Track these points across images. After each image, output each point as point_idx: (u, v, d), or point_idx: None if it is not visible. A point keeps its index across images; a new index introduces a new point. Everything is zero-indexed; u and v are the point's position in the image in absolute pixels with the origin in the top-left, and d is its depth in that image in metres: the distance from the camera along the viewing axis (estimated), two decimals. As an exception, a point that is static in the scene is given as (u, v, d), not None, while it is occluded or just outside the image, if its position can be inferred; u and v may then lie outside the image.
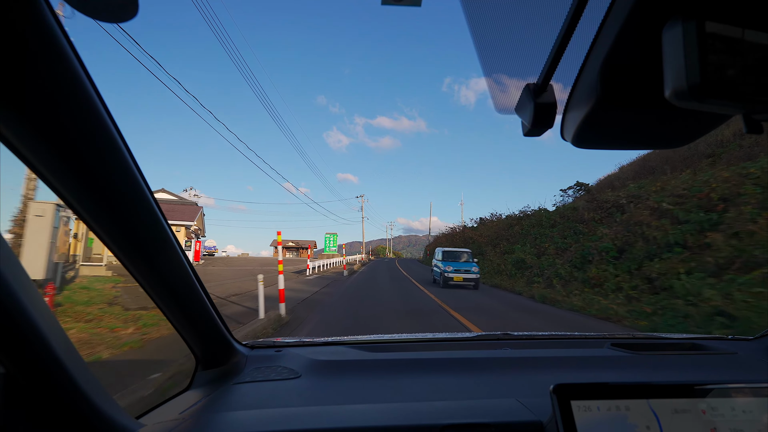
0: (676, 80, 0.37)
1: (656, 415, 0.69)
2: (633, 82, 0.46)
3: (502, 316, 8.36)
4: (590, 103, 0.47)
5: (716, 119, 0.50)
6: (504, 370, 1.17)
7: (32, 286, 0.56)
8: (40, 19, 0.47)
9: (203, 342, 1.08)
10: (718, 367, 1.19)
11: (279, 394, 1.04)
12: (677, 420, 0.69)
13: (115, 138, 0.61)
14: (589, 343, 1.46)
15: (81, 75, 0.54)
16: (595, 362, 1.22)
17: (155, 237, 0.77)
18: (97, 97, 0.57)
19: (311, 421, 0.83)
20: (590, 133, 0.52)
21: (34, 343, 0.54)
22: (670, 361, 1.22)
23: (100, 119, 0.58)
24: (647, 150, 0.60)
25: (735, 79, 0.36)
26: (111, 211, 0.67)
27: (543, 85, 0.51)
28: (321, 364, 1.20)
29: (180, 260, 0.85)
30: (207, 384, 1.10)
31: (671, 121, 0.51)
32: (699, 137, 0.54)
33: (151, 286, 0.85)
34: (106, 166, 0.62)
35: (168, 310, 0.93)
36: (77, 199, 0.63)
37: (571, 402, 0.69)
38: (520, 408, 0.85)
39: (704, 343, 1.35)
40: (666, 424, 0.68)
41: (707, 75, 0.35)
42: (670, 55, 0.37)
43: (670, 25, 0.38)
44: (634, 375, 1.15)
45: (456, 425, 0.79)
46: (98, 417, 0.65)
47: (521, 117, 0.54)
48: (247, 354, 1.27)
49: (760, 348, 1.27)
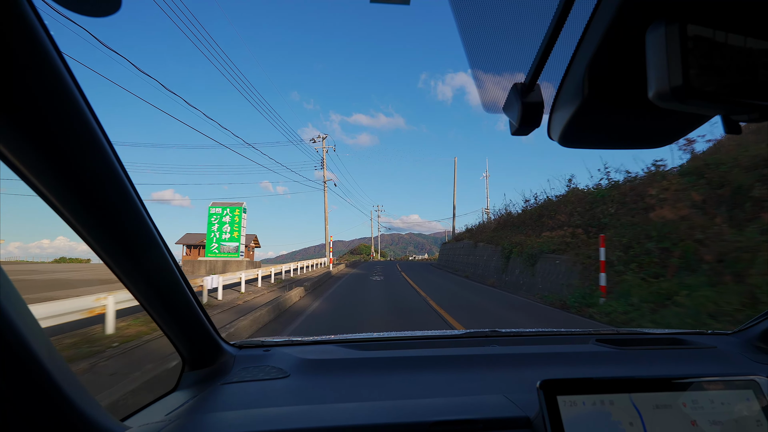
0: (659, 81, 0.37)
1: (638, 409, 0.71)
2: (618, 82, 0.47)
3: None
4: (576, 103, 0.48)
5: (697, 119, 0.51)
6: (492, 366, 1.19)
7: (9, 284, 0.54)
8: (21, 15, 0.46)
9: (190, 342, 1.07)
10: (699, 361, 1.22)
11: (267, 393, 1.03)
12: (659, 413, 0.71)
13: (95, 132, 0.60)
14: (575, 339, 1.48)
15: (62, 70, 0.53)
16: (581, 358, 1.24)
17: (140, 235, 0.76)
18: (78, 91, 0.56)
19: (300, 420, 0.83)
20: (576, 132, 0.53)
21: (13, 344, 0.53)
22: (652, 356, 1.25)
23: (81, 114, 0.57)
24: (631, 149, 0.61)
25: (715, 81, 0.37)
26: (93, 207, 0.66)
27: (530, 84, 0.51)
28: (309, 363, 1.20)
29: (166, 259, 0.84)
30: (194, 385, 1.09)
31: (654, 121, 0.52)
32: (681, 137, 0.56)
33: (136, 286, 0.84)
34: (88, 162, 0.61)
35: (153, 310, 0.92)
36: (58, 196, 0.62)
37: (558, 397, 0.71)
38: (508, 404, 0.86)
39: (685, 338, 1.39)
40: (648, 418, 0.70)
41: (689, 77, 0.36)
42: (653, 56, 0.38)
43: (654, 28, 0.38)
44: (618, 370, 1.17)
45: (444, 422, 0.80)
46: (81, 420, 0.64)
47: (509, 116, 0.55)
48: (235, 354, 1.26)
49: (738, 342, 1.31)
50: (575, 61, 0.48)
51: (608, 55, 0.45)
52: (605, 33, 0.43)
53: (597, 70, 0.46)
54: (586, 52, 0.46)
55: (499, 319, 7.42)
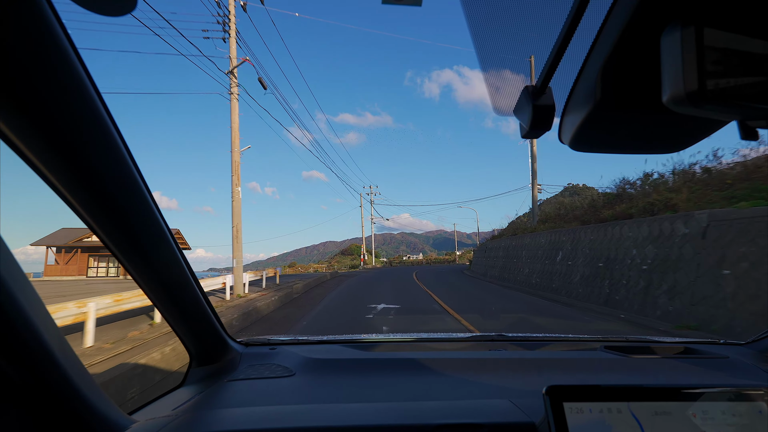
0: (673, 85, 0.37)
1: (637, 419, 0.69)
2: (631, 86, 0.46)
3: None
4: (589, 106, 0.48)
5: (712, 125, 0.50)
6: (498, 370, 1.18)
7: (27, 282, 0.56)
8: (38, 14, 0.47)
9: (198, 339, 1.08)
10: (710, 371, 1.20)
11: (272, 391, 1.04)
12: (665, 423, 0.69)
13: (109, 128, 0.61)
14: (583, 345, 1.46)
15: (79, 69, 0.54)
16: (589, 364, 1.23)
17: (151, 232, 0.77)
18: (93, 89, 0.57)
19: (304, 419, 0.83)
20: (588, 136, 0.52)
21: (29, 341, 0.54)
22: (662, 365, 1.23)
23: (96, 112, 0.58)
24: (643, 155, 0.61)
25: (731, 85, 0.36)
26: (107, 204, 0.67)
27: (542, 87, 0.51)
28: (315, 362, 1.20)
29: (176, 256, 0.85)
30: (200, 381, 1.10)
31: (668, 126, 0.51)
32: (695, 143, 0.55)
33: (146, 282, 0.85)
34: (102, 159, 0.62)
35: (162, 306, 0.93)
36: (72, 192, 0.63)
37: (564, 404, 0.70)
38: (513, 409, 0.85)
39: (697, 347, 1.36)
40: (654, 428, 0.69)
41: (704, 81, 0.35)
42: (668, 60, 0.38)
43: (669, 31, 0.38)
44: (626, 378, 1.16)
45: (449, 425, 0.79)
46: (91, 413, 0.65)
47: (519, 119, 0.54)
48: (242, 351, 1.27)
49: (751, 352, 1.29)
50: (588, 64, 0.48)
51: (622, 59, 0.44)
52: (619, 36, 0.43)
53: (610, 73, 0.45)
54: (599, 55, 0.46)
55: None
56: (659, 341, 1.50)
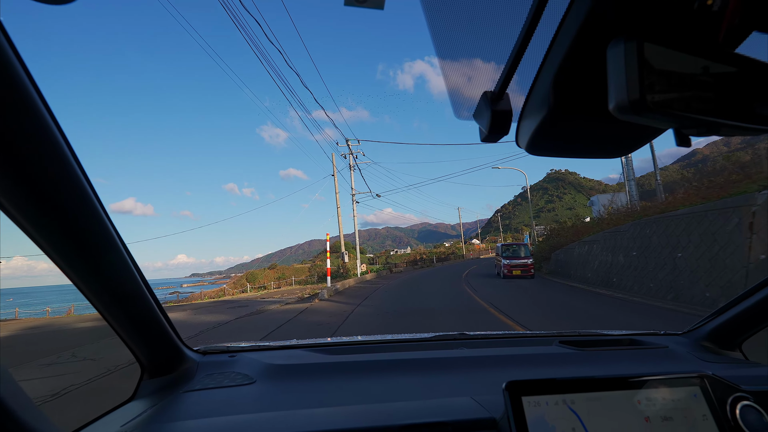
0: (618, 94, 0.40)
1: (589, 408, 0.74)
2: (581, 94, 0.49)
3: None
4: (543, 112, 0.50)
5: (652, 132, 0.54)
6: (460, 369, 1.20)
7: None
8: None
9: (150, 348, 1.02)
10: (652, 360, 1.29)
11: (232, 400, 1.00)
12: (614, 411, 0.74)
13: (48, 126, 0.57)
14: (540, 341, 1.53)
15: (16, 66, 0.50)
16: (545, 359, 1.29)
17: (97, 238, 0.72)
18: (25, 73, 0.53)
19: (266, 427, 0.81)
20: (542, 141, 0.55)
21: None
22: (611, 356, 1.31)
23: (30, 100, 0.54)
24: (593, 158, 0.65)
25: (668, 96, 0.39)
26: (44, 204, 0.62)
27: (500, 93, 0.53)
28: (276, 368, 1.17)
29: (125, 260, 0.80)
30: (153, 393, 1.04)
31: (615, 131, 0.55)
32: (638, 147, 0.59)
33: (91, 289, 0.79)
34: (39, 158, 0.57)
35: (109, 314, 0.87)
36: (5, 193, 0.57)
37: (522, 398, 0.73)
38: (475, 406, 0.87)
39: (641, 339, 1.46)
40: (605, 416, 0.73)
41: (645, 91, 0.38)
42: (613, 71, 0.40)
43: (614, 44, 0.41)
44: (580, 370, 1.22)
45: (413, 425, 0.80)
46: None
47: (479, 123, 0.56)
48: (199, 360, 1.21)
49: (687, 342, 1.40)
50: (542, 72, 0.50)
51: (572, 68, 0.47)
52: (570, 47, 0.45)
53: (562, 82, 0.48)
54: (552, 64, 0.48)
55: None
56: (608, 334, 1.60)
